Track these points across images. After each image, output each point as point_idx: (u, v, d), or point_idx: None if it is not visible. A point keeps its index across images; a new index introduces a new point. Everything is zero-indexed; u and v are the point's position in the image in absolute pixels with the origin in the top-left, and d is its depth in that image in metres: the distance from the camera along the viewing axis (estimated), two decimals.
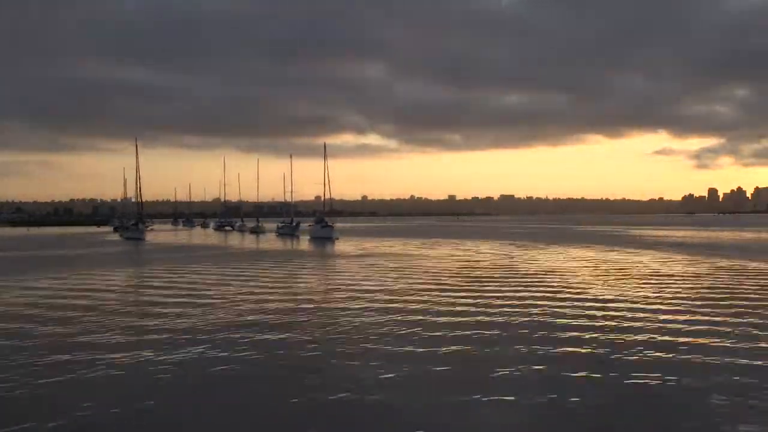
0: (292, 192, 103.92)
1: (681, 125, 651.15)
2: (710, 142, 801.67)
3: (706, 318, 16.10)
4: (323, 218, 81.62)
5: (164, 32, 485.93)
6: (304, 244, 63.90)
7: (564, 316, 16.66)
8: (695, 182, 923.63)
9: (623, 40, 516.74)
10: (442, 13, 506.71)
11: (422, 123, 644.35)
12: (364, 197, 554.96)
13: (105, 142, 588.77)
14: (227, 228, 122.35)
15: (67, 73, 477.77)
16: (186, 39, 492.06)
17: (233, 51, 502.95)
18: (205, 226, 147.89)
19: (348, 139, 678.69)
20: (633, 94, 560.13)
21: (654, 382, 10.19)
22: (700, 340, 13.37)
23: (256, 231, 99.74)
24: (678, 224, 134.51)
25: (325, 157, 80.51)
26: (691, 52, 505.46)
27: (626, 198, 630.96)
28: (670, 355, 12.04)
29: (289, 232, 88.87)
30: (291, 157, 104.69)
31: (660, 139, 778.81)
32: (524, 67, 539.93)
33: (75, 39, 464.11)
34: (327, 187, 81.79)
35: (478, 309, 17.77)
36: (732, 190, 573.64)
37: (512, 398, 9.43)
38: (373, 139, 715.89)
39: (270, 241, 70.92)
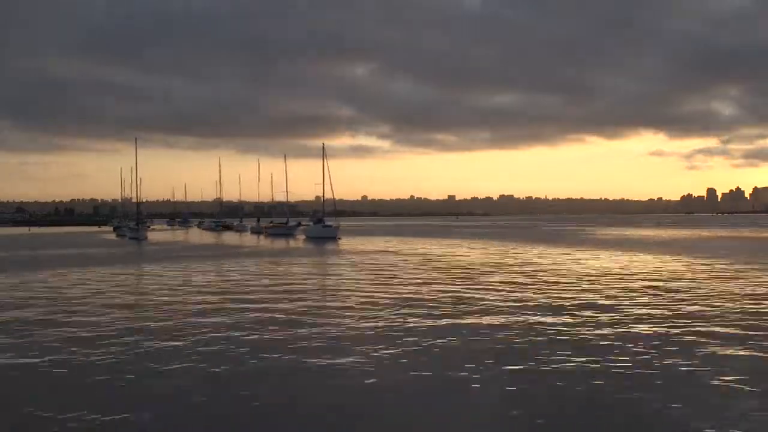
0: (287, 192, 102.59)
1: (676, 126, 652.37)
2: (704, 143, 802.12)
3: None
4: (322, 218, 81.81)
5: (161, 32, 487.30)
6: (308, 243, 64.07)
7: None
8: (691, 183, 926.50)
9: (618, 41, 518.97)
10: (438, 13, 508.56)
11: (421, 123, 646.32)
12: (364, 197, 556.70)
13: (100, 143, 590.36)
14: (220, 228, 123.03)
15: (55, 73, 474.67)
16: (185, 39, 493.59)
17: (232, 51, 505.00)
18: (200, 226, 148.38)
19: (348, 140, 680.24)
20: (628, 95, 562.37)
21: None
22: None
23: (257, 231, 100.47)
24: (663, 224, 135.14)
25: (323, 157, 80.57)
26: (684, 52, 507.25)
27: (625, 198, 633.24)
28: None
29: (284, 232, 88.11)
30: (285, 157, 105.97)
31: (657, 140, 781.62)
32: (522, 67, 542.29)
33: (61, 38, 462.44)
34: (328, 186, 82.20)
35: None
36: (731, 190, 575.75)
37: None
38: (372, 140, 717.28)
39: (275, 242, 71.54)
